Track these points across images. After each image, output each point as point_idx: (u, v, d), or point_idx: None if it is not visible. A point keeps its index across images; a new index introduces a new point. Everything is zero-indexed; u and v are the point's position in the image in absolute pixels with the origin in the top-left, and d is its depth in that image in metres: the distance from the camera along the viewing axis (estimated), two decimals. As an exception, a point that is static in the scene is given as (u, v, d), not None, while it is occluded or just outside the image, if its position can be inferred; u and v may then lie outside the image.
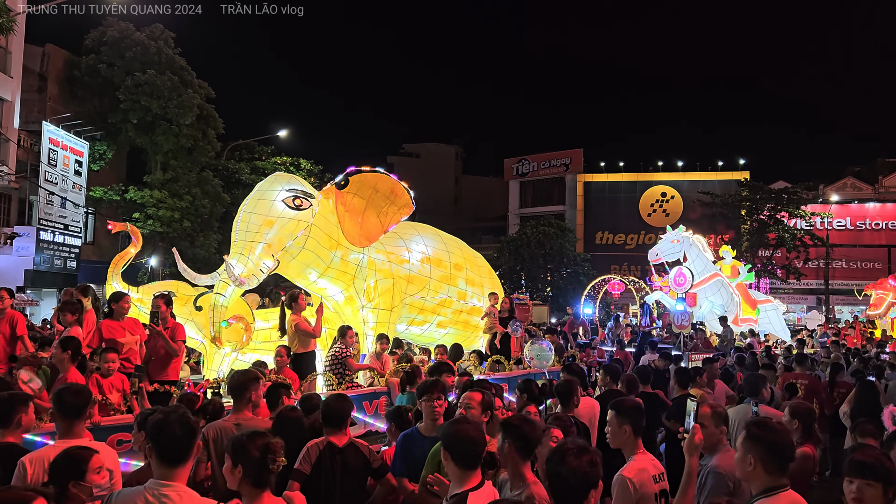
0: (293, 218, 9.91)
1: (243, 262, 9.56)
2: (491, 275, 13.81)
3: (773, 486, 3.34)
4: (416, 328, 12.23)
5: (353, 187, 10.63)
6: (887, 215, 47.14)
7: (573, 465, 3.10)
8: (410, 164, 65.91)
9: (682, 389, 7.93)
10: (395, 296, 11.21)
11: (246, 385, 5.19)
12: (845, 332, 23.72)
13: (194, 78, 29.97)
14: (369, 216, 10.74)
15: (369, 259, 11.09)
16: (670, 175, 50.93)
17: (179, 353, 8.26)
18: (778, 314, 22.79)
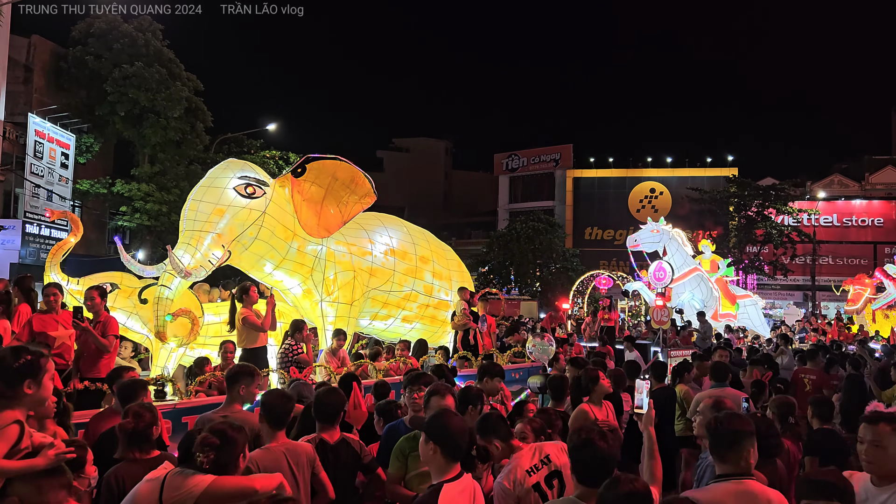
0: (245, 207, 9.18)
1: (191, 253, 8.84)
2: (460, 268, 13.09)
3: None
4: (379, 323, 11.52)
5: (310, 175, 9.91)
6: (874, 212, 46.56)
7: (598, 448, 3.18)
8: (400, 159, 65.14)
9: (658, 383, 7.81)
10: (356, 289, 10.52)
11: (237, 378, 4.95)
12: (823, 327, 23.25)
13: (182, 70, 29.30)
14: (328, 206, 10.03)
15: (328, 250, 10.39)
16: (659, 171, 50.22)
17: (111, 349, 7.61)
18: (757, 309, 22.22)
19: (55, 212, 10.20)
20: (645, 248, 20.91)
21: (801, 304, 43.89)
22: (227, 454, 3.37)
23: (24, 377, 3.20)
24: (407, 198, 59.35)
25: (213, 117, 31.28)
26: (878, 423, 3.53)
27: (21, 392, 3.20)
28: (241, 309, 9.12)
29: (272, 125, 34.37)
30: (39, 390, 3.28)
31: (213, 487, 3.25)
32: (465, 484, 3.40)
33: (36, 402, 3.33)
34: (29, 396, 3.23)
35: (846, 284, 27.57)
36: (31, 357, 3.26)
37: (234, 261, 9.51)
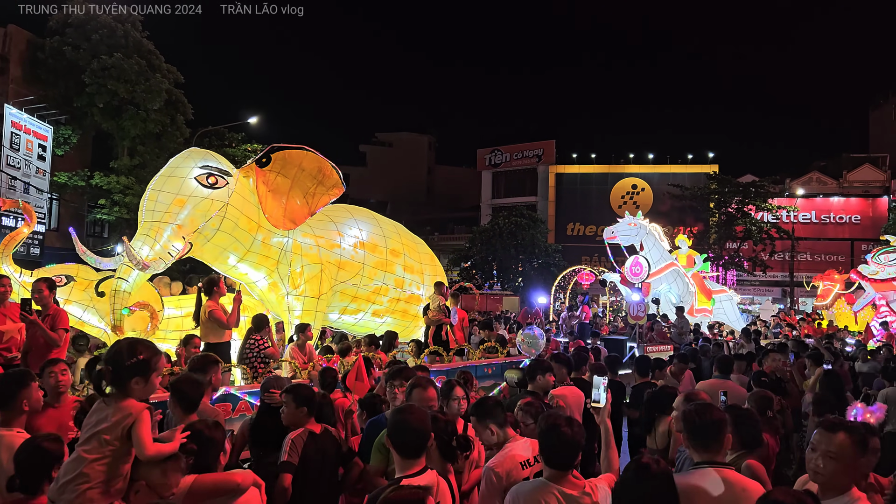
0: (207, 197, 8.81)
1: (150, 245, 8.44)
2: (433, 262, 12.75)
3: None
4: (349, 317, 11.16)
5: (276, 165, 9.54)
6: (851, 209, 46.72)
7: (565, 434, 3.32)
8: (382, 153, 64.61)
9: (641, 378, 7.73)
10: (323, 282, 10.16)
11: (205, 369, 4.93)
12: (793, 322, 23.15)
13: (162, 62, 28.74)
14: (294, 197, 9.66)
15: (295, 243, 10.02)
16: (641, 167, 50.08)
17: (60, 343, 7.22)
18: (732, 304, 22.03)
19: (7, 201, 9.78)
20: (622, 241, 20.64)
21: (780, 300, 43.94)
22: (207, 455, 3.42)
23: (133, 374, 3.31)
24: (390, 192, 58.92)
25: (193, 110, 30.76)
26: (837, 431, 3.17)
27: (129, 387, 3.31)
28: (207, 302, 8.71)
29: (254, 118, 33.84)
30: (147, 387, 3.37)
31: (195, 486, 3.28)
32: (427, 479, 3.35)
33: (144, 397, 3.41)
34: (136, 391, 3.33)
35: (816, 280, 27.54)
36: (144, 356, 3.36)
37: (196, 253, 9.14)
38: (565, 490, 3.31)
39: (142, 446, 3.22)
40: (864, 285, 21.18)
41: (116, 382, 3.32)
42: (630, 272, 15.23)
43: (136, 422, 3.23)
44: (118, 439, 3.21)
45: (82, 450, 3.21)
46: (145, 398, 3.42)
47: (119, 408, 3.25)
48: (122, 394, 3.31)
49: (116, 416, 3.23)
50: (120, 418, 3.22)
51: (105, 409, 3.28)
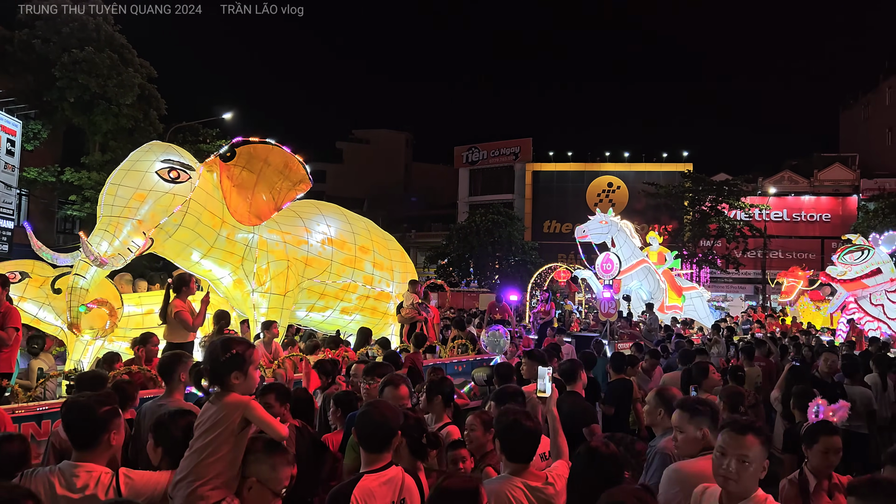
0: (168, 192, 8.54)
1: (108, 240, 8.15)
2: (403, 258, 12.54)
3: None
4: (316, 314, 10.93)
5: (240, 160, 9.27)
6: (821, 208, 47.14)
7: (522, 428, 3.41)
8: (360, 150, 64.13)
9: (616, 374, 7.72)
10: (289, 279, 9.92)
11: (173, 366, 4.85)
12: (760, 318, 23.22)
13: (135, 56, 28.18)
14: (260, 192, 9.41)
15: (260, 239, 9.77)
16: (617, 165, 50.13)
17: (11, 342, 6.93)
18: (703, 301, 22.03)
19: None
20: (593, 239, 20.57)
21: (753, 297, 44.28)
22: (176, 446, 3.39)
23: (230, 370, 3.33)
24: (367, 190, 58.51)
25: (167, 105, 30.24)
26: (745, 433, 2.99)
27: (229, 383, 3.34)
28: (174, 300, 8.46)
29: (228, 114, 33.41)
30: (246, 380, 3.39)
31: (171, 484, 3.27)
32: (390, 475, 3.34)
33: (246, 392, 3.43)
34: (237, 386, 3.35)
35: (780, 277, 27.66)
36: (237, 351, 3.38)
37: (157, 249, 8.87)
38: (529, 482, 3.38)
39: (273, 428, 3.33)
40: (835, 287, 21.10)
41: (216, 380, 3.37)
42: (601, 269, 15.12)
43: (251, 410, 3.30)
44: (229, 436, 3.25)
45: (195, 448, 3.26)
46: (248, 392, 3.46)
47: (225, 405, 3.30)
48: (224, 391, 3.35)
49: (224, 412, 3.27)
50: (228, 414, 3.27)
51: (212, 408, 3.33)
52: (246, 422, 3.30)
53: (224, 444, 3.23)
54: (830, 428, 4.34)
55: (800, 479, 4.25)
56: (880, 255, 20.02)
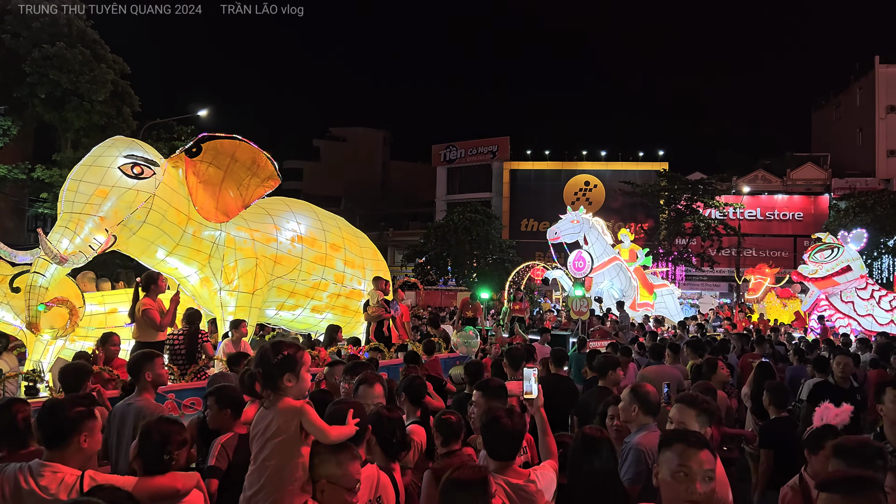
0: (131, 188, 8.29)
1: (69, 237, 7.90)
2: (375, 256, 12.35)
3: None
4: (286, 313, 10.72)
5: (207, 156, 9.03)
6: (794, 207, 47.59)
7: (505, 425, 3.41)
8: (337, 148, 63.75)
9: (593, 372, 7.57)
10: (258, 277, 9.71)
11: (139, 366, 4.78)
12: (728, 315, 23.34)
13: (108, 52, 27.69)
14: (227, 189, 9.18)
15: (228, 236, 9.55)
16: (594, 164, 50.19)
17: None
18: (673, 298, 22.07)
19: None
20: (565, 240, 20.48)
21: (727, 295, 44.56)
22: (152, 453, 3.35)
23: (282, 372, 3.28)
24: (344, 188, 58.18)
25: (141, 102, 29.77)
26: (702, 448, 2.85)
27: (282, 386, 3.28)
28: (143, 299, 8.25)
29: (203, 111, 32.97)
30: (299, 383, 3.34)
31: (136, 491, 3.18)
32: (365, 474, 3.34)
33: (299, 395, 3.38)
34: (290, 390, 3.30)
35: (747, 274, 27.81)
36: (288, 353, 3.33)
37: (121, 246, 8.62)
38: (511, 480, 3.37)
39: (323, 433, 3.23)
40: (808, 286, 21.20)
41: (269, 384, 3.31)
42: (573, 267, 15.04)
43: (305, 415, 3.23)
44: (292, 443, 3.23)
45: (261, 460, 3.24)
46: (301, 395, 3.42)
47: (280, 411, 3.26)
48: (278, 395, 3.30)
49: (281, 419, 3.24)
50: (285, 420, 3.24)
51: (267, 415, 3.30)
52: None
53: (290, 452, 3.20)
54: (836, 432, 4.18)
55: (801, 486, 4.06)
56: (850, 252, 20.14)
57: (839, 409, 4.47)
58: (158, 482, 3.31)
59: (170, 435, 3.39)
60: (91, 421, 3.36)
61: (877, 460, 3.17)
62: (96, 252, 8.19)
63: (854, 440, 3.40)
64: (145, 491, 3.22)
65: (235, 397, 4.43)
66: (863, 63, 49.60)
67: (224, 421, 4.35)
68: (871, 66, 48.03)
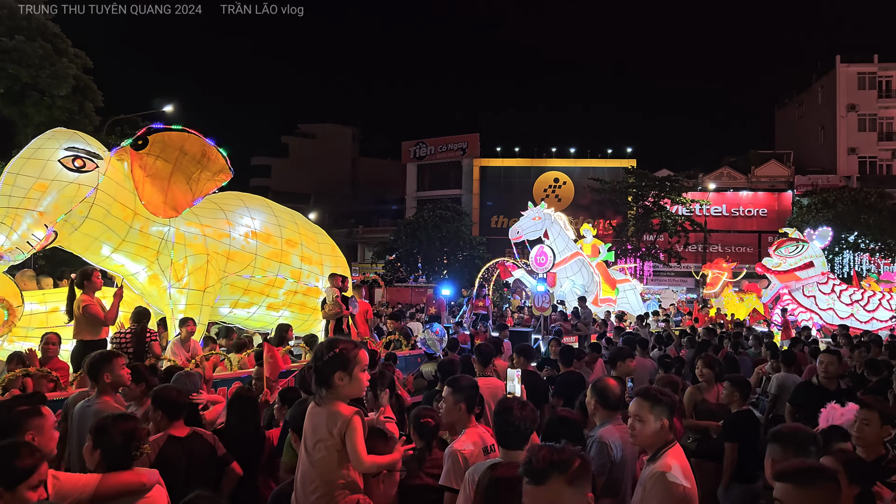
0: (73, 182, 7.88)
1: (6, 233, 7.47)
2: (334, 252, 11.98)
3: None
4: (241, 311, 10.34)
5: (154, 148, 8.63)
6: (758, 203, 47.99)
7: (517, 416, 3.37)
8: (305, 145, 62.98)
9: (566, 367, 7.75)
10: (210, 274, 9.32)
11: (98, 367, 4.65)
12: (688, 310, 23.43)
13: (69, 46, 26.92)
14: (176, 183, 8.80)
15: (177, 232, 9.15)
16: (563, 161, 50.12)
17: None
18: (636, 294, 22.01)
19: None
20: (528, 237, 20.27)
21: (694, 290, 44.84)
22: (117, 449, 3.29)
23: (334, 370, 3.24)
24: (313, 184, 57.46)
25: (104, 97, 29.02)
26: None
27: (334, 384, 3.23)
28: (81, 296, 7.84)
29: (169, 106, 32.30)
30: (352, 382, 3.27)
31: (101, 487, 3.15)
32: None
33: (352, 395, 3.31)
34: (342, 388, 3.23)
35: (705, 269, 27.98)
36: (340, 350, 3.27)
37: (63, 242, 8.20)
38: None
39: (358, 459, 3.20)
40: (769, 277, 21.45)
41: (321, 381, 3.28)
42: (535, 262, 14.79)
43: (350, 431, 3.19)
44: (335, 447, 3.21)
45: (316, 459, 3.22)
46: (355, 395, 3.35)
47: (332, 413, 3.22)
48: (331, 394, 3.26)
49: (331, 422, 3.21)
50: (331, 427, 3.21)
51: (319, 413, 3.26)
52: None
53: (338, 455, 3.19)
54: (842, 434, 4.03)
55: None
56: (814, 249, 20.45)
57: (845, 408, 4.32)
58: (124, 478, 3.27)
59: (133, 430, 3.34)
60: (37, 419, 3.27)
61: (810, 446, 3.26)
62: (35, 249, 7.78)
63: (789, 427, 3.52)
64: (111, 487, 3.18)
65: (172, 401, 4.30)
66: (824, 62, 50.24)
67: (157, 422, 4.27)
68: (832, 65, 48.63)
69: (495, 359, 7.03)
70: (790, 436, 3.38)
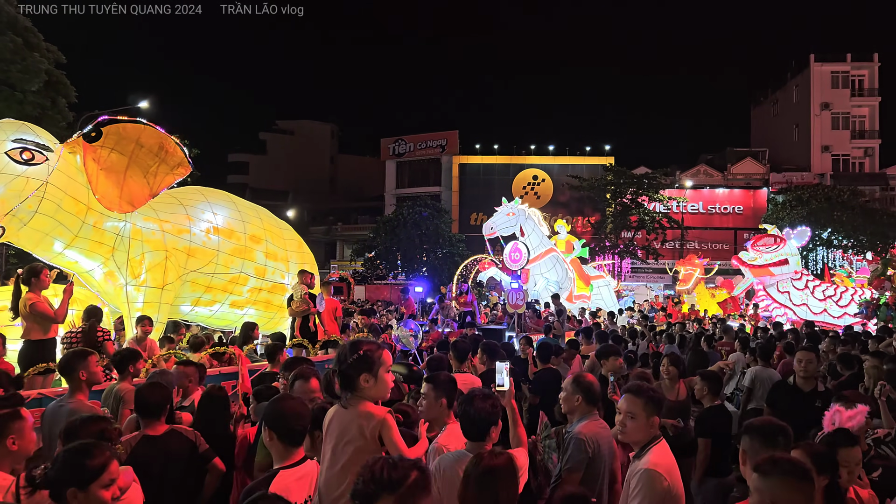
0: (20, 175, 7.44)
1: (-52, 229, 7.13)
2: (301, 248, 11.62)
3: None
4: (203, 309, 9.96)
5: (108, 141, 8.20)
6: (735, 200, 48.13)
7: (479, 407, 3.44)
8: (284, 141, 62.25)
9: (543, 364, 7.71)
10: (168, 271, 8.94)
11: (74, 365, 4.61)
12: (661, 306, 23.38)
13: (41, 41, 26.28)
14: (133, 176, 8.40)
15: (134, 228, 8.75)
16: (541, 159, 49.94)
17: None
18: (609, 290, 21.86)
19: None
20: (502, 233, 20.06)
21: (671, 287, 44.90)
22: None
23: (359, 372, 3.21)
24: (291, 182, 56.83)
25: (77, 93, 28.41)
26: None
27: (359, 386, 3.21)
28: (27, 294, 7.46)
29: (144, 102, 31.65)
30: (377, 384, 3.25)
31: None
32: (305, 470, 3.22)
33: (378, 396, 3.28)
34: (367, 390, 3.21)
35: (678, 265, 27.99)
36: (364, 352, 3.24)
37: (11, 238, 7.79)
38: None
39: (400, 452, 3.17)
40: (743, 270, 21.55)
41: (346, 384, 3.25)
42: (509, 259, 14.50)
43: (386, 429, 3.19)
44: (367, 449, 3.16)
45: (342, 464, 3.19)
46: (380, 397, 3.31)
47: (360, 413, 3.20)
48: (356, 396, 3.24)
49: (360, 423, 3.18)
50: (363, 427, 3.17)
51: (345, 416, 3.23)
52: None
53: (372, 453, 3.08)
54: (849, 438, 3.85)
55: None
56: (790, 247, 20.54)
57: (853, 410, 4.19)
58: None
59: (104, 431, 3.32)
60: (17, 422, 3.24)
61: (778, 437, 3.28)
62: (-20, 244, 7.38)
63: (761, 420, 3.56)
64: None
65: (144, 400, 4.20)
66: (799, 61, 50.49)
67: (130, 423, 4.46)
68: (806, 64, 48.90)
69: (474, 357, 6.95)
70: (760, 428, 3.40)
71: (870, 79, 48.21)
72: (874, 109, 48.31)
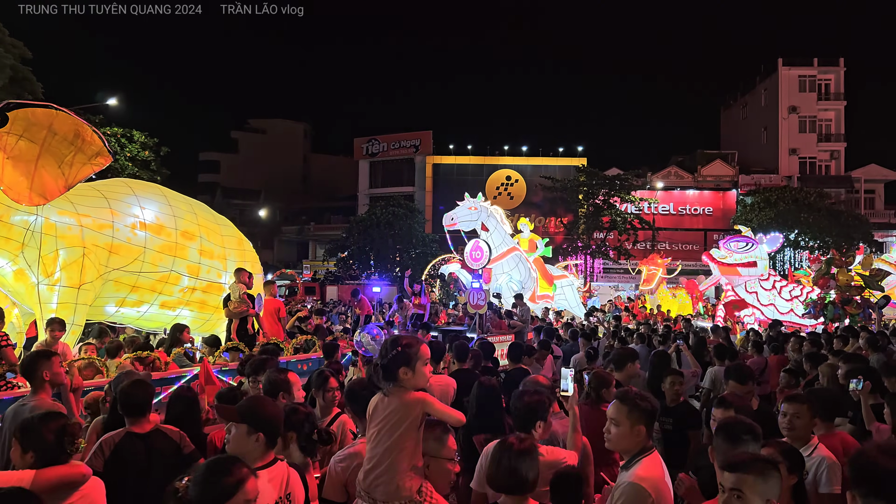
0: (-90, 163, 6.67)
1: None
2: (241, 245, 10.76)
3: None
4: (130, 310, 9.09)
5: (16, 127, 7.33)
6: (704, 202, 47.94)
7: (527, 401, 3.81)
8: (255, 140, 61.06)
9: (514, 364, 7.47)
10: (87, 270, 8.08)
11: (35, 365, 4.57)
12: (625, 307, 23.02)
13: (6, 36, 25.32)
14: (45, 167, 7.53)
15: (46, 222, 7.90)
16: (515, 159, 49.31)
17: None
18: (573, 290, 21.30)
19: None
20: (462, 227, 19.35)
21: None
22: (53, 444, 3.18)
23: (398, 365, 3.36)
24: (263, 181, 55.64)
25: (44, 89, 27.35)
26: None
27: (399, 378, 3.37)
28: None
29: (113, 100, 30.58)
30: (416, 376, 3.39)
31: (36, 483, 3.03)
32: (276, 472, 3.22)
33: (417, 386, 3.40)
34: (407, 381, 3.37)
35: (641, 265, 27.69)
36: (403, 347, 3.40)
37: None
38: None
39: (451, 417, 3.46)
40: (711, 267, 21.30)
41: (388, 376, 3.40)
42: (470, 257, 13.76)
43: (430, 405, 3.36)
44: (414, 430, 3.33)
45: (387, 446, 3.30)
46: (420, 387, 3.42)
47: (402, 400, 3.35)
48: (397, 386, 3.38)
49: (403, 409, 3.33)
50: (409, 411, 3.32)
51: (389, 404, 3.37)
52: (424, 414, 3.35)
53: (410, 438, 3.31)
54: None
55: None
56: (761, 251, 20.46)
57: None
58: (62, 471, 3.16)
59: (65, 427, 3.24)
60: None
61: (743, 435, 3.28)
62: None
63: (731, 419, 3.58)
64: (47, 481, 3.06)
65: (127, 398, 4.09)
66: (767, 65, 50.41)
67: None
68: (774, 67, 48.83)
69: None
70: (729, 426, 3.41)
71: (836, 83, 48.26)
72: (840, 113, 48.36)
